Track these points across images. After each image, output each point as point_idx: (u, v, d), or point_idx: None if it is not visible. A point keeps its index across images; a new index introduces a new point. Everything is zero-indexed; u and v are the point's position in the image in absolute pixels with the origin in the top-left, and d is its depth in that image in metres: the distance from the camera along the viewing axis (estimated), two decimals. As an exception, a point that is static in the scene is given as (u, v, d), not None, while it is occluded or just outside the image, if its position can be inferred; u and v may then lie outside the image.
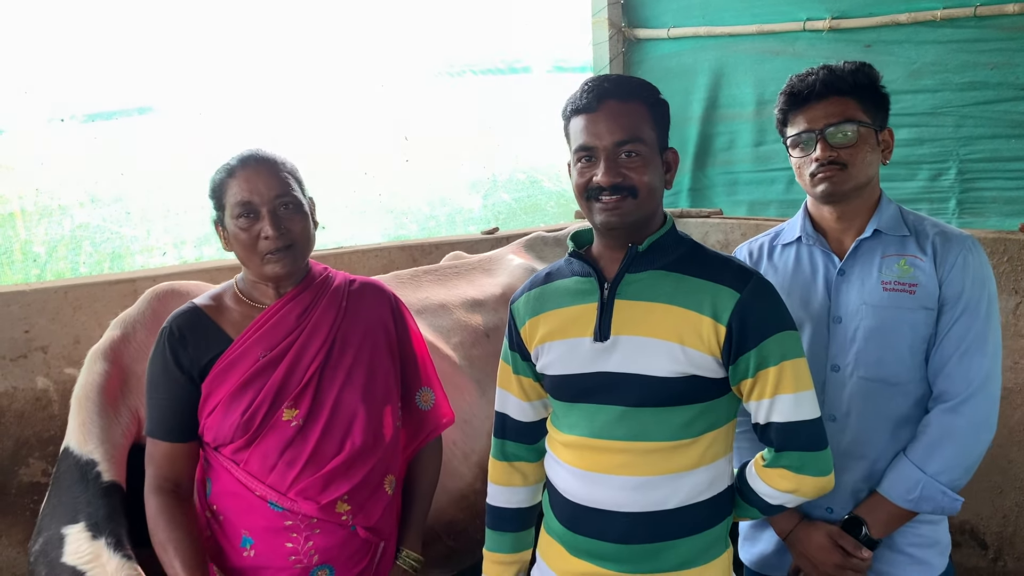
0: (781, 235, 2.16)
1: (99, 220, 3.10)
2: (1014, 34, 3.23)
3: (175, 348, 1.90)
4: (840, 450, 1.98)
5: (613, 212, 1.67)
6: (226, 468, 1.91)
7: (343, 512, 1.91)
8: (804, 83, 1.98)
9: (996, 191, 3.36)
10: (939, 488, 1.90)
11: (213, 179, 1.92)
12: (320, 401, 1.91)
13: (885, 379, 1.97)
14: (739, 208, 4.17)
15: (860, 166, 1.94)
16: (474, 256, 3.23)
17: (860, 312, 1.98)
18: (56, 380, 2.74)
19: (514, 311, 1.91)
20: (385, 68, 3.79)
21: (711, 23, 4.12)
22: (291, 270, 1.90)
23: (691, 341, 1.66)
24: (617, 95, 1.68)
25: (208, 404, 1.90)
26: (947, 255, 1.93)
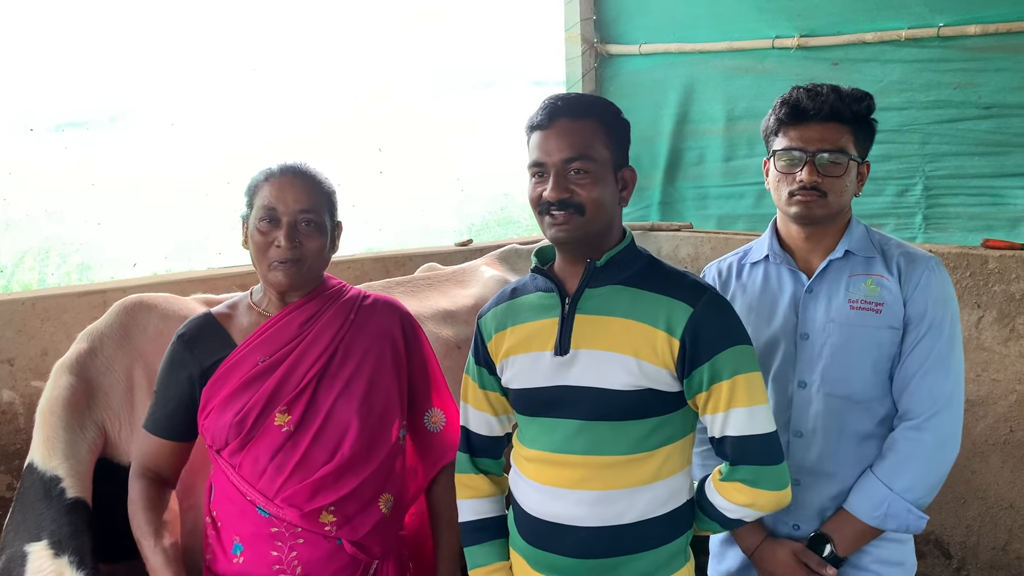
0: (749, 254, 2.17)
1: (68, 231, 3.06)
2: (976, 55, 3.31)
3: (183, 350, 1.97)
4: (806, 467, 2.01)
5: (561, 227, 1.71)
6: (223, 472, 1.94)
7: (327, 523, 1.90)
8: (813, 100, 1.95)
9: (960, 207, 3.43)
10: (905, 505, 1.92)
11: (252, 178, 1.97)
12: (314, 409, 1.93)
13: (850, 396, 1.99)
14: (709, 222, 4.22)
15: (839, 195, 1.95)
16: (447, 268, 3.24)
17: (827, 329, 1.99)
18: (22, 393, 2.70)
19: (481, 326, 1.93)
20: (360, 80, 3.79)
21: (682, 40, 4.17)
22: (294, 283, 1.93)
23: (646, 354, 1.69)
24: (569, 113, 1.72)
25: (207, 406, 1.94)
26: (911, 275, 1.96)
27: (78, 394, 2.17)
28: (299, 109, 3.60)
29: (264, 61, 3.45)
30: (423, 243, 4.16)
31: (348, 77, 3.77)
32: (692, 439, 1.82)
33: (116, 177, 3.12)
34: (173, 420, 1.97)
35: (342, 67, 3.74)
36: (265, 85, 3.46)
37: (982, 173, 3.37)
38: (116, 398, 2.24)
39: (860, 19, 3.57)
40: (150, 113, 3.19)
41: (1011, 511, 3.17)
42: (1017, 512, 3.16)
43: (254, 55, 3.42)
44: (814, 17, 3.71)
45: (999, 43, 3.24)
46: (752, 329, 2.04)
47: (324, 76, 3.68)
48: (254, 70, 3.42)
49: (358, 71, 3.79)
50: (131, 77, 3.11)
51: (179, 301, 2.42)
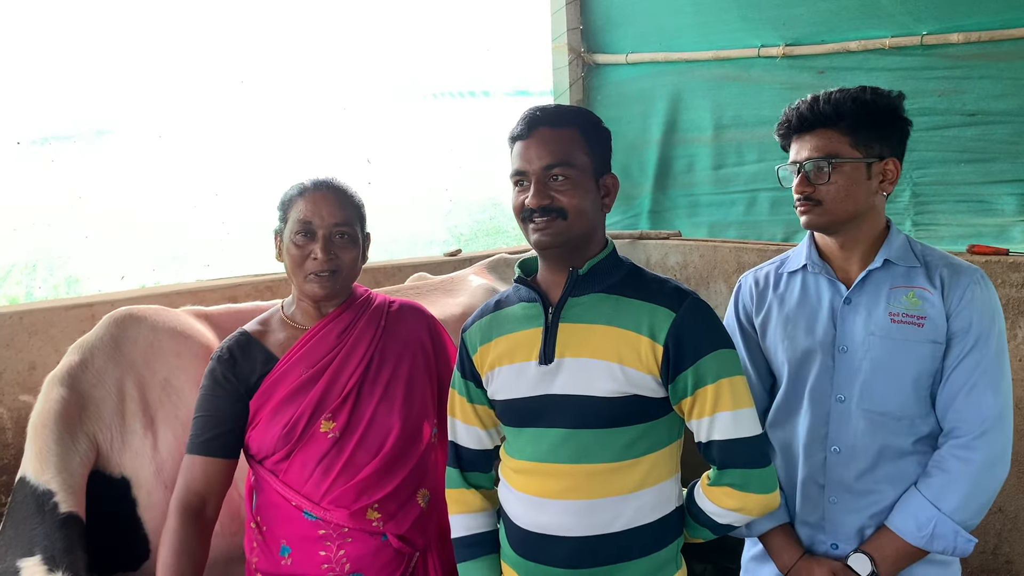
0: (787, 263, 2.13)
1: (55, 244, 3.05)
2: (959, 63, 3.34)
3: (225, 368, 2.02)
4: (844, 484, 1.96)
5: (544, 232, 1.72)
6: (267, 480, 2.01)
7: (373, 519, 2.00)
8: (791, 116, 1.97)
9: (948, 214, 3.46)
10: (953, 527, 1.84)
11: (286, 193, 2.05)
12: (357, 415, 2.03)
13: (890, 412, 1.93)
14: (700, 230, 4.23)
15: (835, 201, 1.91)
16: (436, 277, 3.24)
17: (867, 343, 1.94)
18: (10, 407, 2.68)
19: (466, 339, 1.93)
20: (348, 91, 3.79)
21: (668, 49, 4.19)
22: (329, 293, 2.01)
23: (630, 361, 1.70)
24: (548, 123, 1.74)
25: (255, 418, 2.01)
26: (955, 288, 1.90)
27: (70, 407, 2.16)
28: (287, 120, 3.59)
29: (252, 73, 3.45)
30: (412, 253, 4.16)
31: (335, 88, 3.77)
32: (679, 446, 1.82)
33: (103, 190, 3.10)
34: (225, 439, 2.01)
35: (329, 78, 3.74)
36: (253, 97, 3.46)
37: (968, 180, 3.40)
38: (108, 410, 2.23)
39: (844, 28, 3.60)
40: (137, 126, 3.18)
41: (1000, 515, 3.19)
42: (1006, 516, 3.18)
43: (242, 67, 3.42)
44: (799, 26, 3.74)
45: (981, 51, 3.27)
46: (789, 341, 2.04)
47: (312, 87, 3.68)
48: (242, 82, 3.42)
49: (345, 82, 3.80)
50: (118, 90, 3.10)
51: (169, 313, 2.42)
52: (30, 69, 2.93)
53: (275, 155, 3.50)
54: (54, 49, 2.96)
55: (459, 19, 4.25)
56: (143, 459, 2.24)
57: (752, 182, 4.03)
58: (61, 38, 2.98)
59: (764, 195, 4.00)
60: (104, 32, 3.06)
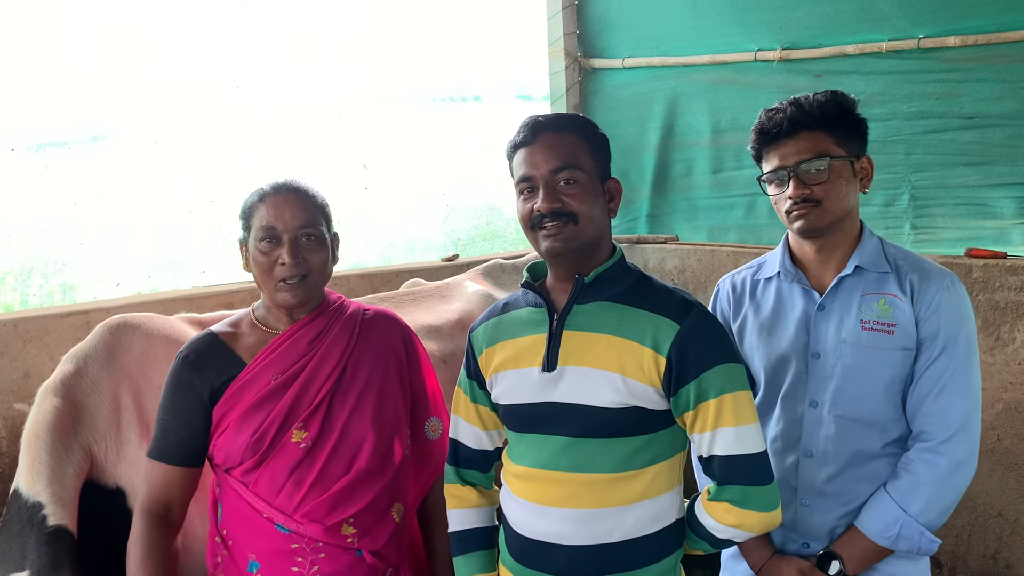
0: (763, 268, 2.15)
1: (50, 250, 3.03)
2: (956, 66, 3.33)
3: (189, 372, 1.94)
4: (816, 487, 2.00)
5: (556, 238, 1.70)
6: (236, 491, 1.93)
7: (348, 535, 1.92)
8: (772, 121, 1.97)
9: (947, 217, 3.45)
10: (918, 528, 1.89)
11: (245, 200, 1.98)
12: (330, 424, 1.95)
13: (861, 418, 1.96)
14: (699, 234, 4.22)
15: (835, 200, 1.92)
16: (431, 283, 3.23)
17: (839, 350, 1.97)
18: (4, 416, 2.67)
19: (472, 340, 1.93)
20: (344, 96, 3.79)
21: (665, 53, 4.18)
22: (302, 299, 1.95)
23: (632, 372, 1.68)
24: (552, 127, 1.74)
25: (220, 426, 1.93)
26: (924, 294, 1.91)
27: (64, 417, 2.15)
28: (283, 126, 3.58)
29: (247, 78, 3.44)
30: (409, 259, 4.15)
31: (331, 93, 3.76)
32: (682, 458, 1.81)
33: (98, 196, 3.09)
34: (184, 445, 1.94)
35: (325, 83, 3.73)
36: (248, 102, 3.45)
37: (967, 183, 3.39)
38: (102, 420, 2.22)
39: (841, 31, 3.59)
40: (133, 132, 3.17)
41: (1000, 519, 3.18)
42: (1005, 520, 3.17)
43: (237, 72, 3.41)
44: (795, 30, 3.73)
45: (979, 54, 3.26)
46: (764, 347, 2.06)
47: (307, 92, 3.67)
48: (237, 87, 3.41)
49: (341, 87, 3.79)
50: (113, 96, 3.09)
51: (164, 321, 2.40)
52: (25, 76, 2.92)
53: (271, 161, 3.49)
54: (49, 56, 2.95)
55: (455, 24, 4.25)
56: (138, 469, 2.20)
57: (751, 186, 3.98)
58: (56, 45, 2.97)
59: (763, 199, 3.92)
60: (99, 38, 3.05)
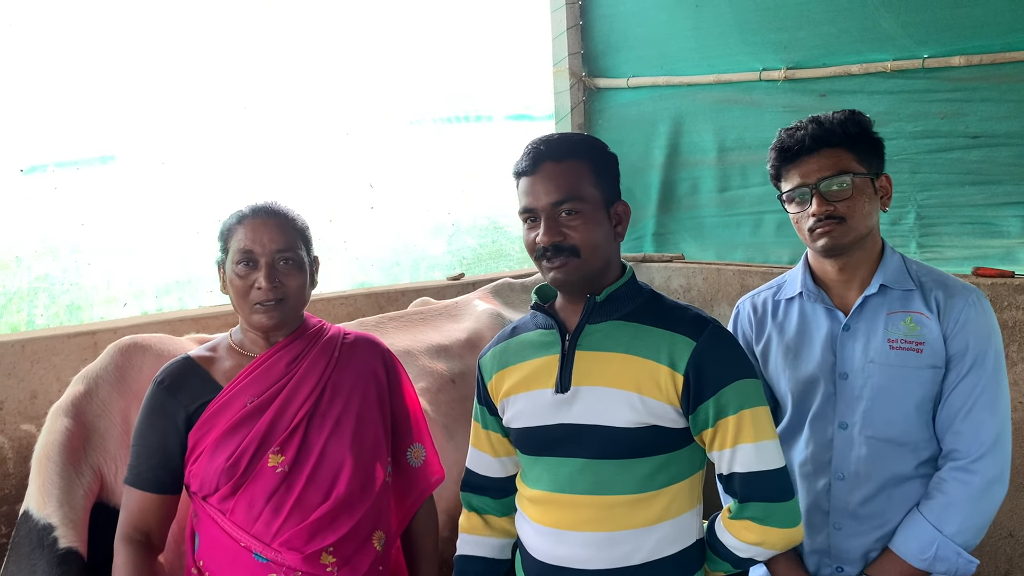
0: (783, 288, 2.13)
1: (58, 271, 3.03)
2: (961, 85, 3.35)
3: (164, 397, 1.91)
4: (849, 510, 1.97)
5: (559, 271, 1.70)
6: (212, 519, 1.89)
7: (328, 564, 1.88)
8: (793, 138, 1.95)
9: (952, 236, 3.45)
10: (955, 549, 1.86)
11: (224, 222, 1.96)
12: (307, 449, 1.91)
13: (893, 439, 1.94)
14: (706, 252, 4.22)
15: (858, 217, 1.91)
16: (440, 302, 3.23)
17: (867, 370, 1.95)
18: (11, 437, 2.65)
19: (482, 366, 1.92)
20: (351, 116, 3.80)
21: (669, 73, 4.20)
22: (278, 323, 1.92)
23: (649, 390, 1.67)
24: (553, 156, 1.71)
25: (195, 451, 1.89)
26: (950, 311, 1.90)
27: (74, 438, 2.14)
28: (290, 146, 3.59)
29: (255, 99, 3.45)
30: (415, 278, 4.15)
31: (338, 114, 3.77)
32: (701, 477, 1.79)
33: (106, 216, 3.10)
34: (159, 471, 1.91)
35: (332, 104, 3.75)
36: (256, 122, 3.46)
37: (973, 202, 3.40)
38: (112, 441, 2.21)
39: (846, 51, 3.61)
40: (141, 152, 3.17)
41: (1010, 540, 3.16)
42: (1016, 541, 3.14)
43: (245, 93, 3.42)
44: (800, 49, 3.75)
45: (983, 74, 3.28)
46: (790, 370, 2.04)
47: (314, 113, 3.69)
48: (245, 108, 3.42)
49: (348, 108, 3.80)
50: (122, 117, 3.10)
51: (174, 341, 2.40)
52: (34, 96, 2.93)
53: (278, 181, 3.50)
54: (58, 76, 2.97)
55: (460, 45, 4.27)
56: (147, 490, 2.20)
57: (757, 204, 4.03)
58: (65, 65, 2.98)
59: (770, 217, 4.00)
60: (107, 59, 3.06)
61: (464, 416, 2.71)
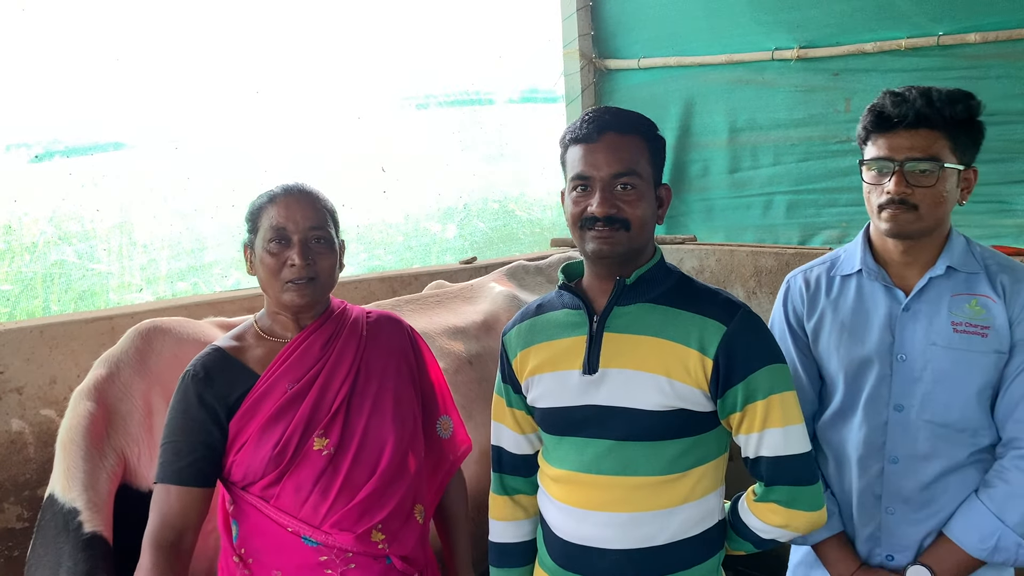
0: (839, 265, 2.05)
1: (73, 257, 3.04)
2: (976, 63, 3.33)
3: (199, 389, 1.87)
4: (903, 495, 1.93)
5: (605, 241, 1.68)
6: (255, 507, 1.87)
7: (379, 541, 1.88)
8: (898, 108, 1.84)
9: (966, 214, 3.43)
10: (1016, 539, 1.81)
11: (253, 202, 1.95)
12: (350, 429, 1.90)
13: (952, 423, 1.88)
14: (716, 234, 4.22)
15: (932, 208, 1.83)
16: (455, 285, 3.23)
17: (928, 352, 1.89)
18: (32, 422, 2.67)
19: (506, 343, 1.91)
20: (362, 100, 3.79)
21: (681, 53, 4.18)
22: (309, 302, 1.90)
23: (678, 374, 1.66)
24: (617, 128, 1.70)
25: (237, 441, 1.87)
26: (1017, 295, 1.85)
27: (97, 421, 2.15)
28: (302, 130, 3.59)
29: (267, 83, 3.44)
30: (426, 261, 4.15)
31: (350, 97, 3.76)
32: (725, 459, 1.79)
33: (122, 202, 3.10)
34: (202, 464, 1.85)
35: (344, 88, 3.73)
36: (268, 107, 3.45)
37: (987, 180, 3.34)
38: (134, 424, 2.21)
39: (859, 29, 3.59)
40: (155, 137, 3.17)
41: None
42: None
43: (257, 77, 3.41)
44: (813, 28, 3.73)
45: (999, 51, 3.26)
46: (844, 348, 1.98)
47: (326, 97, 3.67)
48: (257, 92, 3.41)
49: (359, 91, 3.79)
50: (136, 102, 3.09)
51: (193, 324, 2.41)
52: (49, 82, 2.93)
53: (291, 165, 3.50)
54: (72, 61, 2.96)
55: (471, 27, 4.25)
56: (171, 472, 2.21)
57: (768, 185, 4.02)
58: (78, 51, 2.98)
59: (780, 198, 3.99)
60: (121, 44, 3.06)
61: (481, 397, 2.72)
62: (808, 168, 3.87)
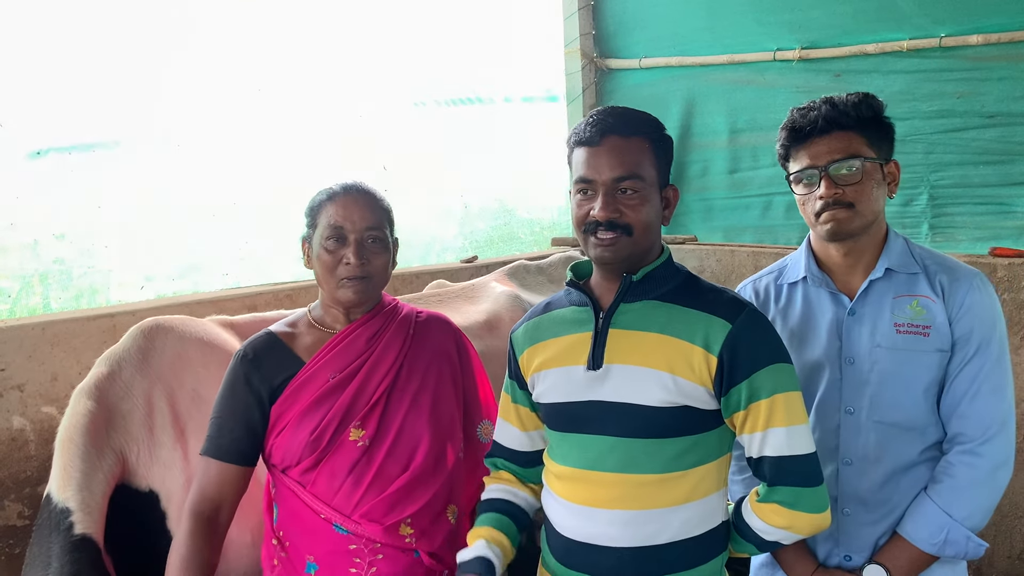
0: (785, 273, 2.10)
1: (75, 254, 3.03)
2: (978, 64, 3.33)
3: (248, 370, 1.95)
4: (858, 496, 1.95)
5: (607, 248, 1.69)
6: (293, 491, 1.94)
7: (406, 535, 1.94)
8: (806, 118, 1.92)
9: (966, 216, 3.45)
10: (964, 532, 1.85)
11: (314, 198, 2.01)
12: (386, 423, 1.97)
13: (900, 423, 1.92)
14: (715, 234, 4.22)
15: (866, 203, 1.88)
16: (457, 284, 3.23)
17: (873, 355, 1.92)
18: (33, 419, 2.67)
19: (513, 340, 1.92)
20: (364, 99, 3.78)
21: (682, 53, 4.19)
22: (362, 299, 1.97)
23: (682, 371, 1.66)
24: (620, 131, 1.70)
25: (278, 424, 1.94)
26: (955, 294, 1.89)
27: (97, 420, 2.15)
28: (304, 128, 3.58)
29: (269, 81, 3.43)
30: (427, 260, 4.15)
31: (351, 96, 3.75)
32: (728, 459, 1.79)
33: (123, 200, 3.08)
34: (241, 443, 1.94)
35: (345, 86, 3.72)
36: (270, 105, 3.44)
37: (987, 182, 3.39)
38: (135, 423, 2.22)
39: (861, 31, 3.60)
40: (156, 135, 3.15)
41: (1025, 519, 3.17)
42: (1032, 519, 3.16)
43: (259, 75, 3.40)
44: (815, 29, 3.74)
45: (1001, 52, 3.27)
46: (795, 355, 1.98)
47: (328, 95, 3.66)
48: (259, 90, 3.41)
49: (361, 90, 3.78)
50: (138, 99, 3.08)
51: (196, 323, 2.41)
52: (50, 79, 2.92)
53: (292, 163, 3.49)
54: (74, 59, 2.95)
55: (473, 26, 4.24)
56: (173, 471, 2.21)
57: (767, 186, 4.03)
58: (81, 48, 2.97)
59: (779, 199, 4.00)
60: (123, 42, 3.05)
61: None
62: (808, 169, 3.87)
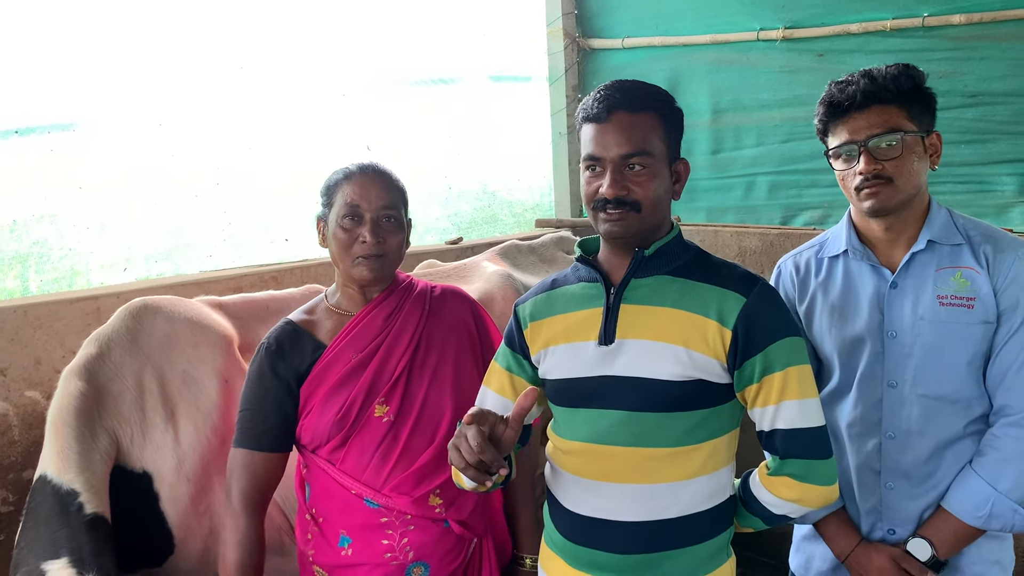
0: (826, 246, 2.09)
1: (56, 235, 2.98)
2: (961, 44, 3.36)
3: (273, 360, 2.01)
4: (901, 470, 1.96)
5: (616, 223, 1.69)
6: (323, 469, 2.00)
7: (436, 506, 2.00)
8: (844, 93, 1.89)
9: (947, 195, 3.48)
10: (1011, 506, 1.84)
11: (330, 177, 2.04)
12: (410, 398, 2.02)
13: (945, 396, 1.91)
14: (697, 215, 4.23)
15: (907, 177, 1.86)
16: (447, 264, 3.22)
17: (916, 327, 1.91)
18: (16, 403, 2.61)
19: (519, 312, 1.89)
20: (347, 78, 3.74)
21: (665, 33, 4.18)
22: (377, 277, 2.00)
23: (696, 345, 1.67)
24: (627, 106, 1.68)
25: (306, 407, 2.01)
26: (1000, 264, 1.87)
27: (89, 401, 2.12)
28: (286, 107, 3.54)
29: (251, 59, 3.39)
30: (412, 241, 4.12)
31: (334, 75, 3.71)
32: (736, 435, 1.80)
33: (104, 180, 3.03)
34: (278, 432, 2.00)
35: (328, 65, 3.68)
36: (252, 84, 3.40)
37: (968, 161, 3.42)
38: (126, 404, 2.19)
39: (845, 10, 3.61)
40: (138, 114, 3.11)
41: None
42: None
43: (241, 54, 3.35)
44: (798, 9, 3.74)
45: (983, 32, 3.29)
46: (836, 329, 2.01)
47: (311, 74, 3.62)
48: (241, 68, 3.36)
49: (344, 69, 3.74)
50: (119, 78, 3.03)
51: (185, 303, 2.38)
52: (30, 57, 2.86)
53: (275, 143, 3.45)
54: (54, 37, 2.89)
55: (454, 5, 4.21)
56: (165, 452, 2.20)
57: (750, 166, 4.04)
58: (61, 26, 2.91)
59: (762, 179, 4.02)
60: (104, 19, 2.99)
61: (478, 376, 2.71)
62: (791, 149, 3.89)
